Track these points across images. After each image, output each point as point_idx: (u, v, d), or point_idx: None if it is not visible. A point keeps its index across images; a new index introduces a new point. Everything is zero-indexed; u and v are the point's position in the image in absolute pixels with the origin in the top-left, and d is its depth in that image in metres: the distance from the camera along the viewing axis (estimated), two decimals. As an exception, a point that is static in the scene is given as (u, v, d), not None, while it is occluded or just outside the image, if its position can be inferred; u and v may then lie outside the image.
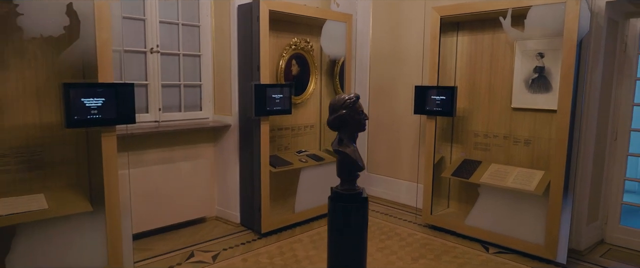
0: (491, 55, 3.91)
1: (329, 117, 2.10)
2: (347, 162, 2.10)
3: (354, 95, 2.09)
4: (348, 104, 2.05)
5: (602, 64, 3.42)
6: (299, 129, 4.51)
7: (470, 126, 4.11)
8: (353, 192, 2.14)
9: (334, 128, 2.13)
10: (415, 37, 4.61)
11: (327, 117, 2.10)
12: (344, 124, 2.10)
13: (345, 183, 2.18)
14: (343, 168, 2.14)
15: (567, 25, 3.10)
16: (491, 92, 3.93)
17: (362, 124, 2.12)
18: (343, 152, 2.08)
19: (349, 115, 2.07)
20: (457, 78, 4.17)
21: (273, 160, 3.93)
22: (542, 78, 3.57)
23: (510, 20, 3.44)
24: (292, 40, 4.20)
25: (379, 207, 4.78)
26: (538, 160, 3.69)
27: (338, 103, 2.08)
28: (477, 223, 3.77)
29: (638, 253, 3.61)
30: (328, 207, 2.22)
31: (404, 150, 4.87)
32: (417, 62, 4.57)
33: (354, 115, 2.08)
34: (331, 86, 4.72)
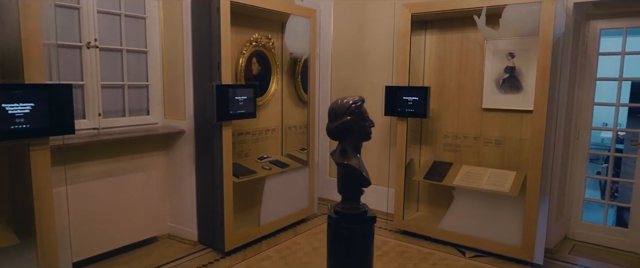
0: (461, 55, 3.83)
1: (330, 125, 1.80)
2: (353, 177, 1.82)
3: (359, 98, 1.82)
4: (353, 108, 1.77)
5: (569, 65, 3.47)
6: (261, 134, 4.14)
7: (440, 127, 4.01)
8: (358, 211, 1.87)
9: (336, 137, 1.83)
10: (381, 35, 4.44)
11: (327, 124, 1.80)
12: (348, 132, 1.81)
13: (348, 201, 1.89)
14: (347, 183, 1.85)
15: (543, 26, 3.07)
16: (461, 92, 3.86)
17: (368, 132, 1.85)
18: (349, 165, 1.79)
19: (354, 122, 1.79)
20: (426, 78, 4.05)
21: (235, 169, 3.53)
22: (512, 78, 3.54)
23: (484, 19, 3.36)
24: (252, 37, 3.82)
25: (345, 213, 4.54)
26: (509, 160, 3.68)
27: (341, 108, 1.79)
28: (452, 227, 3.67)
29: (598, 247, 3.72)
30: (329, 228, 1.92)
31: (369, 153, 4.67)
32: (384, 61, 4.41)
33: (360, 121, 1.80)
34: (293, 86, 4.40)
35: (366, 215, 1.90)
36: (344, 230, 1.85)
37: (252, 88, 3.42)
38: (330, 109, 1.83)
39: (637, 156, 3.56)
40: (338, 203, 1.94)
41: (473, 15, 3.43)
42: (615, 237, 3.69)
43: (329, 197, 4.93)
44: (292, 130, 4.49)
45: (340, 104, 1.81)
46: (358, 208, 1.90)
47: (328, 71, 4.88)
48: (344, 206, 1.91)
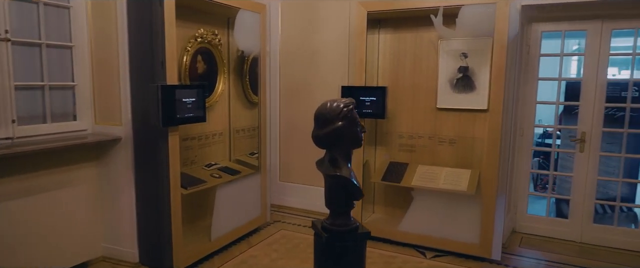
0: (415, 55, 3.81)
1: (318, 131, 1.59)
2: (345, 189, 1.63)
3: (349, 101, 1.63)
4: (345, 113, 1.58)
5: (516, 65, 3.59)
6: (207, 138, 3.79)
7: (395, 128, 3.97)
8: (350, 226, 1.67)
9: (324, 145, 1.63)
10: (334, 33, 4.30)
11: (315, 131, 1.59)
12: (339, 139, 1.61)
13: (339, 215, 1.70)
14: (338, 197, 1.66)
15: (498, 26, 3.13)
16: (415, 92, 3.84)
17: (360, 138, 1.67)
18: (341, 177, 1.60)
19: (346, 128, 1.60)
20: (380, 78, 3.99)
21: (182, 180, 3.16)
22: (466, 78, 3.59)
23: (441, 19, 3.35)
24: (198, 32, 3.46)
25: (299, 219, 4.35)
26: (463, 159, 3.73)
27: (332, 112, 1.58)
28: (412, 228, 3.64)
29: (543, 237, 3.92)
30: (316, 246, 1.72)
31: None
32: (338, 61, 4.27)
33: (352, 126, 1.62)
34: (240, 87, 4.10)
35: (358, 230, 1.71)
36: (337, 248, 1.65)
37: (200, 88, 3.08)
38: (319, 114, 1.62)
39: (575, 151, 3.80)
40: (326, 219, 1.74)
41: (430, 14, 3.40)
42: (557, 228, 3.92)
43: (281, 202, 4.69)
44: (240, 134, 4.19)
45: (330, 108, 1.62)
46: (349, 224, 1.72)
47: (277, 70, 4.63)
48: (334, 222, 1.71)
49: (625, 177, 3.80)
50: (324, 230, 1.70)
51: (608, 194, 3.99)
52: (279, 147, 4.74)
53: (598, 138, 3.69)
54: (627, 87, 3.68)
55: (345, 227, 1.69)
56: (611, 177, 3.88)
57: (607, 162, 3.93)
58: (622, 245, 3.68)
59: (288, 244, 3.71)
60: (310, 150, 4.62)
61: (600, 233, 3.76)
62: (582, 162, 3.76)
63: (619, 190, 3.75)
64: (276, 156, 4.70)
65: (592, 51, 3.63)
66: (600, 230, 3.77)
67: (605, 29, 3.57)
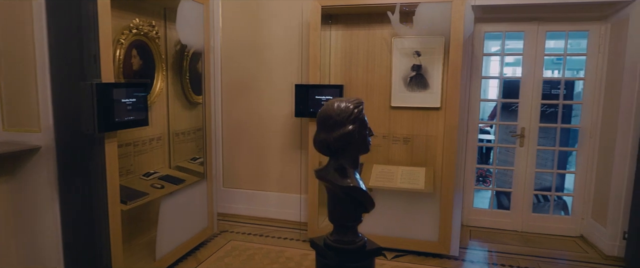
0: (368, 52, 3.73)
1: (326, 136, 1.37)
2: (354, 201, 1.43)
3: (358, 100, 1.43)
4: (356, 114, 1.39)
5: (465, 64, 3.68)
6: (144, 144, 3.34)
7: (348, 127, 3.85)
8: (358, 243, 1.48)
9: (331, 151, 1.41)
10: (283, 29, 4.05)
11: (320, 136, 1.37)
12: (349, 145, 1.41)
13: (347, 231, 1.49)
14: (347, 210, 1.45)
15: (454, 25, 3.16)
16: (369, 90, 3.77)
17: (369, 143, 1.48)
18: (355, 187, 1.39)
19: (357, 132, 1.40)
20: (332, 76, 3.85)
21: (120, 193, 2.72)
22: (419, 76, 3.59)
23: (398, 16, 3.30)
24: (132, 22, 3.02)
25: (248, 228, 4.05)
26: (417, 157, 3.74)
27: (342, 114, 1.38)
28: (371, 229, 3.54)
29: (488, 229, 4.09)
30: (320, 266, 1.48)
31: (270, 158, 4.26)
32: (287, 57, 4.05)
33: (363, 130, 1.42)
34: (179, 85, 3.69)
35: (366, 247, 1.53)
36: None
37: (142, 87, 2.67)
38: (325, 116, 1.40)
39: (516, 146, 4.02)
40: (329, 235, 1.53)
41: (385, 11, 3.34)
42: (501, 219, 4.12)
43: (227, 211, 4.34)
44: (180, 138, 3.78)
45: (338, 109, 1.40)
46: (357, 241, 1.52)
47: (218, 68, 4.27)
48: (341, 238, 1.50)
49: (549, 167, 4.11)
50: (329, 248, 1.49)
51: (542, 185, 4.29)
52: (222, 151, 4.38)
53: (535, 133, 3.93)
54: (554, 85, 3.98)
55: (353, 244, 1.50)
56: (544, 169, 4.17)
57: (540, 155, 4.22)
58: (557, 232, 3.97)
59: (241, 256, 3.42)
60: (256, 153, 4.37)
61: (538, 222, 4.02)
62: (522, 156, 3.99)
63: (554, 180, 4.05)
64: (219, 161, 4.34)
65: (530, 52, 3.86)
66: (538, 219, 4.03)
67: (540, 31, 3.80)
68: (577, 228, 3.94)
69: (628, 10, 3.31)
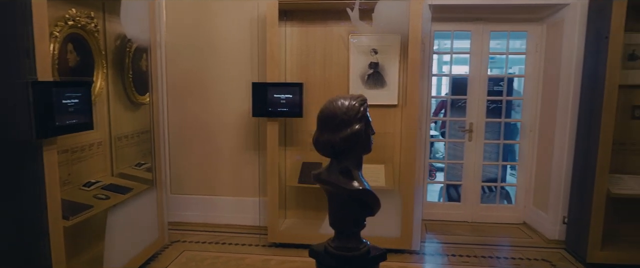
0: (325, 50, 3.67)
1: (331, 137, 1.26)
2: (361, 205, 1.34)
3: (361, 96, 1.34)
4: (363, 113, 1.29)
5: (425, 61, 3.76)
6: (83, 150, 2.98)
7: (306, 126, 3.76)
8: (362, 250, 1.39)
9: (335, 152, 1.30)
10: (235, 23, 3.85)
11: (324, 136, 1.25)
12: (354, 145, 1.31)
13: (352, 236, 1.39)
14: (352, 214, 1.35)
15: (412, 23, 3.20)
16: (326, 88, 3.71)
17: (371, 142, 1.39)
18: (364, 191, 1.30)
19: (363, 131, 1.30)
20: (288, 74, 3.73)
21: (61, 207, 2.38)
22: (377, 74, 3.61)
23: (358, 13, 3.27)
24: (68, 12, 2.66)
25: (201, 236, 3.80)
26: (375, 154, 3.72)
27: (349, 112, 1.27)
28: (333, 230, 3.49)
29: (441, 221, 4.24)
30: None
31: (222, 161, 4.03)
32: (239, 55, 3.85)
33: (368, 129, 1.33)
34: (121, 84, 3.35)
35: (370, 253, 1.45)
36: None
37: (86, 86, 2.36)
38: (330, 115, 1.28)
39: (465, 141, 4.20)
40: (330, 242, 1.42)
41: (343, 8, 3.29)
42: (452, 211, 4.28)
43: (176, 219, 4.04)
44: (123, 142, 3.44)
45: (344, 107, 1.29)
46: (361, 246, 1.43)
47: (163, 65, 3.95)
48: (345, 245, 1.40)
49: (494, 160, 4.36)
50: (331, 256, 1.39)
51: (486, 176, 4.53)
52: (168, 154, 4.07)
53: (482, 128, 4.14)
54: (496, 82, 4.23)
55: (357, 250, 1.41)
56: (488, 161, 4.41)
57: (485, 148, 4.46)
58: (503, 220, 4.22)
59: (198, 267, 3.19)
60: (206, 156, 4.11)
61: (486, 212, 4.24)
62: (471, 150, 4.18)
63: (500, 172, 4.29)
64: (166, 165, 4.03)
65: (476, 50, 4.05)
66: (486, 209, 4.26)
67: (485, 31, 4.00)
68: (520, 215, 4.22)
69: (563, 12, 3.59)
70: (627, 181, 3.32)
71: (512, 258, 3.43)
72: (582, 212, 3.33)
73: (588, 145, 3.27)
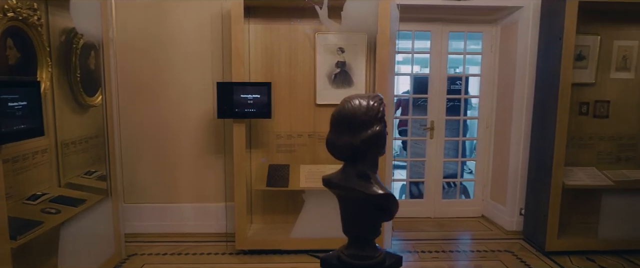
0: (290, 48, 3.57)
1: (352, 139, 1.17)
2: (380, 209, 1.26)
3: (377, 95, 1.26)
4: (383, 113, 1.21)
5: (385, 61, 3.78)
6: (25, 159, 2.64)
7: (272, 127, 3.64)
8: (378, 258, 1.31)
9: (351, 155, 1.21)
10: (194, 20, 3.62)
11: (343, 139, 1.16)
12: (373, 147, 1.23)
13: (364, 244, 1.30)
14: (370, 219, 1.27)
15: (381, 22, 3.20)
16: (292, 88, 3.61)
17: (386, 143, 1.32)
18: (387, 195, 1.22)
19: (384, 132, 1.22)
20: (252, 73, 3.58)
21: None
22: (344, 73, 3.57)
23: (326, 11, 3.21)
24: (8, 3, 2.33)
25: (160, 247, 3.54)
26: (343, 154, 3.71)
27: (369, 113, 1.19)
28: (305, 233, 3.41)
29: (406, 218, 4.29)
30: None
31: (182, 166, 3.79)
32: (199, 53, 3.63)
33: (385, 130, 1.25)
34: (67, 84, 3.02)
35: (386, 261, 1.37)
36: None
37: (34, 87, 2.08)
38: (349, 116, 1.18)
39: (426, 138, 4.29)
40: (344, 250, 1.33)
41: (315, 5, 3.22)
42: (415, 208, 4.36)
43: (132, 230, 3.72)
44: (70, 148, 3.10)
45: (363, 107, 1.20)
46: (378, 253, 1.35)
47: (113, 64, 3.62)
48: (359, 253, 1.31)
49: (453, 156, 4.52)
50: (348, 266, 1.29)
51: (446, 172, 4.67)
52: (121, 163, 3.75)
53: (443, 125, 4.26)
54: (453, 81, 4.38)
55: (373, 258, 1.33)
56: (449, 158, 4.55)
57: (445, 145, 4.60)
58: (462, 214, 4.38)
59: (163, 281, 2.96)
60: (164, 161, 3.83)
61: (447, 207, 4.37)
62: (432, 147, 4.28)
63: (459, 168, 4.44)
64: (118, 174, 3.70)
65: (436, 50, 4.15)
66: (447, 204, 4.39)
67: (444, 31, 4.12)
68: (479, 209, 4.39)
69: (516, 15, 3.78)
70: (577, 173, 3.56)
71: (478, 251, 3.55)
72: (538, 203, 3.52)
73: (543, 140, 3.47)
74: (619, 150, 3.71)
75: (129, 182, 3.77)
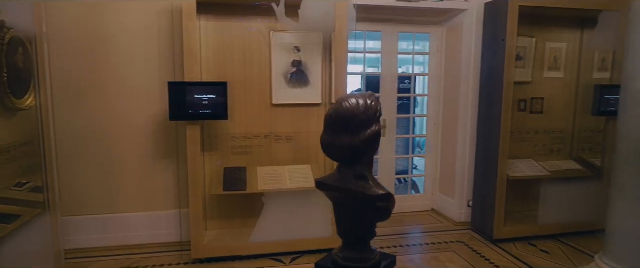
0: (244, 46, 3.45)
1: (352, 140, 1.12)
2: (377, 210, 1.23)
3: (372, 94, 1.23)
4: (380, 112, 1.18)
5: (339, 60, 3.80)
6: (-56, 172, 2.29)
7: (227, 129, 3.50)
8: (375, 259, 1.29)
9: (350, 156, 1.16)
10: (139, 17, 3.36)
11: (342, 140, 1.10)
12: (370, 147, 1.20)
13: (362, 246, 1.26)
14: (371, 221, 1.23)
15: (338, 22, 3.20)
16: (248, 88, 3.49)
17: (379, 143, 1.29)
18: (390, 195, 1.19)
19: (380, 132, 1.19)
20: (204, 72, 3.41)
21: None
22: (300, 72, 3.53)
23: (283, 8, 3.14)
24: None
25: (109, 262, 3.25)
26: (300, 154, 3.67)
27: (368, 112, 1.16)
28: (265, 236, 3.33)
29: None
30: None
31: (128, 173, 3.51)
32: (146, 51, 3.38)
33: (381, 129, 1.22)
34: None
35: (381, 262, 1.34)
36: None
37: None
38: (349, 116, 1.12)
39: (379, 136, 4.39)
40: (339, 253, 1.28)
41: (273, 3, 3.14)
42: (370, 205, 4.44)
43: (71, 245, 3.38)
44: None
45: (361, 106, 1.15)
46: (375, 254, 1.32)
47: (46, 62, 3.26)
48: (355, 255, 1.27)
49: (402, 153, 4.67)
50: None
51: (396, 169, 4.81)
52: (57, 170, 3.39)
53: (394, 123, 4.37)
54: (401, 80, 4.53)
55: (371, 259, 1.30)
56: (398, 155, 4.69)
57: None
58: (414, 209, 4.53)
59: (113, 299, 2.73)
60: (106, 168, 3.53)
61: (399, 203, 4.40)
62: (384, 145, 4.38)
63: (410, 165, 4.59)
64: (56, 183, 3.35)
65: (387, 50, 4.25)
66: (399, 200, 4.45)
67: (394, 32, 4.23)
68: (429, 203, 4.58)
69: (461, 17, 3.99)
70: (518, 165, 3.84)
71: (432, 243, 3.70)
72: (485, 195, 3.75)
73: (489, 135, 3.70)
74: (552, 142, 4.05)
75: (68, 193, 3.42)
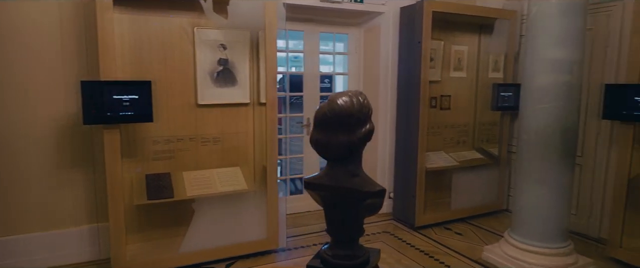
0: (164, 43, 3.19)
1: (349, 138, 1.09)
2: (368, 206, 1.22)
3: (359, 91, 1.21)
4: (372, 109, 1.17)
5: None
6: None
7: (148, 132, 3.21)
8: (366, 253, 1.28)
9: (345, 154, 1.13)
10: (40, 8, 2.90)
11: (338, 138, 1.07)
12: (364, 144, 1.18)
13: (352, 244, 1.25)
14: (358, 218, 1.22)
15: (268, 20, 3.16)
16: (169, 87, 3.24)
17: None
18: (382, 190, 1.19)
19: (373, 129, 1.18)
20: (119, 69, 3.08)
21: None
22: (227, 71, 3.39)
23: (211, 4, 2.99)
24: None
25: (5, 293, 2.77)
26: (228, 156, 3.53)
27: (363, 110, 1.16)
28: (196, 245, 3.14)
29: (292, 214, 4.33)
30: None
31: (26, 187, 3.02)
32: (48, 47, 2.93)
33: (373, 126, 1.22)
34: None
35: (370, 260, 1.34)
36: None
37: None
38: (345, 114, 1.08)
39: (303, 135, 4.43)
40: (328, 252, 1.24)
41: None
42: (298, 203, 4.46)
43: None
44: None
45: (356, 104, 1.12)
46: (363, 252, 1.31)
47: None
48: (349, 252, 1.24)
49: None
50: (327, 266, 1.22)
51: (320, 166, 4.91)
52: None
53: (318, 122, 4.45)
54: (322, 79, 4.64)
55: (361, 256, 1.29)
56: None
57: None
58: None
59: None
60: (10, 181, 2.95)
61: (325, 199, 4.60)
62: (308, 144, 4.43)
63: (333, 161, 4.71)
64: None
65: (309, 49, 4.30)
66: (324, 197, 4.61)
67: (315, 31, 4.30)
68: (352, 198, 4.75)
69: (378, 20, 4.21)
70: (431, 157, 4.19)
71: (361, 236, 3.85)
72: (406, 186, 4.02)
73: (407, 131, 3.98)
74: (458, 135, 4.51)
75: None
